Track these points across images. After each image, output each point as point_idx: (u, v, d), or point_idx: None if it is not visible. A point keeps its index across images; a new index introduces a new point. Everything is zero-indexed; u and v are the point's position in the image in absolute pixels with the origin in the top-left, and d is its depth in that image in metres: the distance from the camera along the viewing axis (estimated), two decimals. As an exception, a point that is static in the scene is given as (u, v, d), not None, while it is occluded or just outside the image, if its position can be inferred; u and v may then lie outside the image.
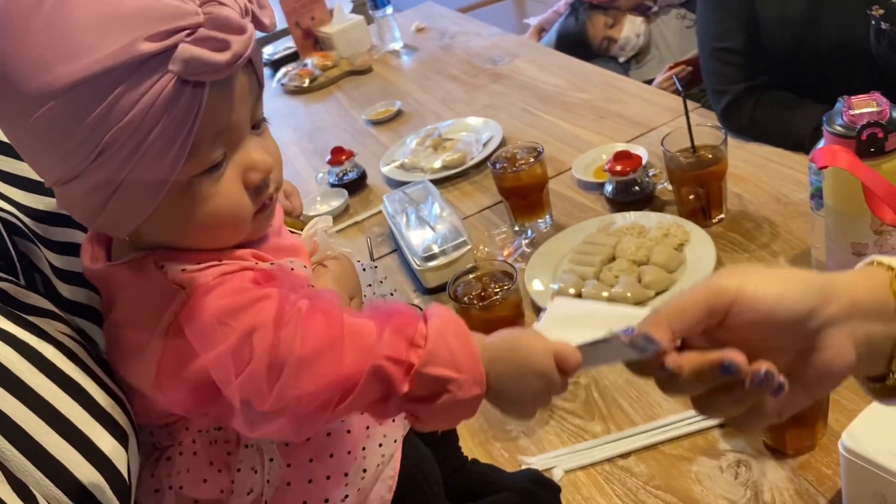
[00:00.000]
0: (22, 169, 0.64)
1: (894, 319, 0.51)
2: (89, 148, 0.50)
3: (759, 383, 0.49)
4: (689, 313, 0.50)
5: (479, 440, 1.00)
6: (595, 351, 0.52)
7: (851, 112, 0.84)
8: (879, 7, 1.18)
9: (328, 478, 0.61)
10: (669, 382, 0.51)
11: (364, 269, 0.80)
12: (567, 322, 0.55)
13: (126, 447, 0.54)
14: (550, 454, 0.95)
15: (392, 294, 0.81)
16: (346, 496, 0.62)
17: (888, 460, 0.71)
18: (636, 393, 0.99)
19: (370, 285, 0.80)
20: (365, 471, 0.64)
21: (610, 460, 0.92)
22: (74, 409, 0.52)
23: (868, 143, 0.81)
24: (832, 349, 0.50)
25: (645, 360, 0.50)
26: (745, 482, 0.85)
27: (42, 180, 0.59)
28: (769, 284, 0.50)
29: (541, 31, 2.74)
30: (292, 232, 0.73)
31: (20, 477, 0.48)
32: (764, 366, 0.49)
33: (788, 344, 0.51)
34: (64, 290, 0.62)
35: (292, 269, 0.61)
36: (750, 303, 0.50)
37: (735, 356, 0.48)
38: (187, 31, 0.49)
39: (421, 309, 0.58)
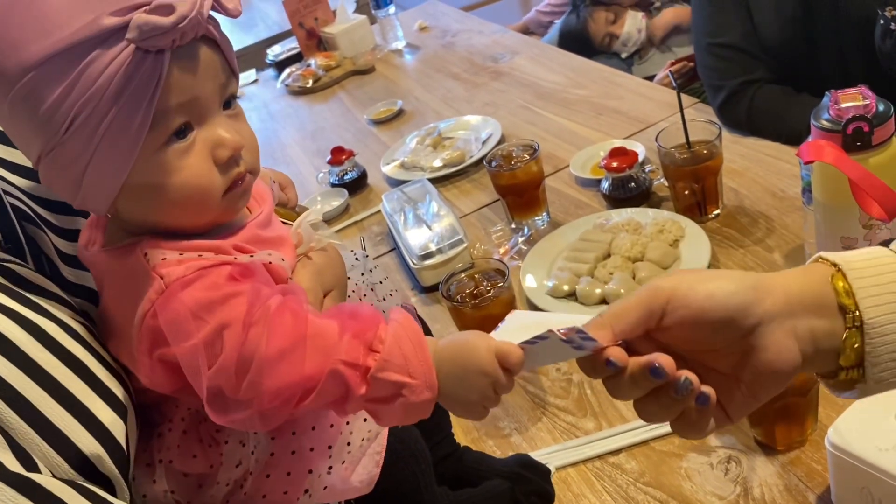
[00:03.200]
0: (14, 154, 0.66)
1: (837, 314, 0.51)
2: (61, 119, 0.54)
3: (679, 390, 0.49)
4: (628, 314, 0.51)
5: (472, 437, 1.01)
6: (536, 349, 0.54)
7: (838, 106, 0.83)
8: (893, 8, 1.17)
9: (311, 450, 0.64)
10: (615, 384, 0.52)
11: (357, 259, 0.82)
12: (520, 330, 0.57)
13: (125, 420, 0.57)
14: (542, 451, 0.96)
15: (382, 282, 0.82)
16: (331, 468, 0.64)
17: (874, 456, 0.71)
18: (628, 389, 0.99)
19: (362, 274, 0.82)
20: (350, 444, 0.66)
21: (601, 457, 0.93)
22: (76, 382, 0.54)
23: (854, 138, 0.81)
24: (773, 347, 0.50)
25: (591, 357, 0.52)
26: (734, 478, 0.85)
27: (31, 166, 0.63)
28: (701, 282, 0.51)
29: (525, 31, 2.75)
30: (285, 223, 0.74)
31: (23, 445, 0.49)
32: (685, 374, 0.49)
33: (728, 344, 0.51)
34: (68, 273, 0.65)
35: (270, 262, 0.62)
36: (682, 300, 0.50)
37: (662, 359, 0.50)
38: (145, 7, 0.53)
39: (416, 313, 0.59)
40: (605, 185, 1.35)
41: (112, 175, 0.57)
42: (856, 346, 0.51)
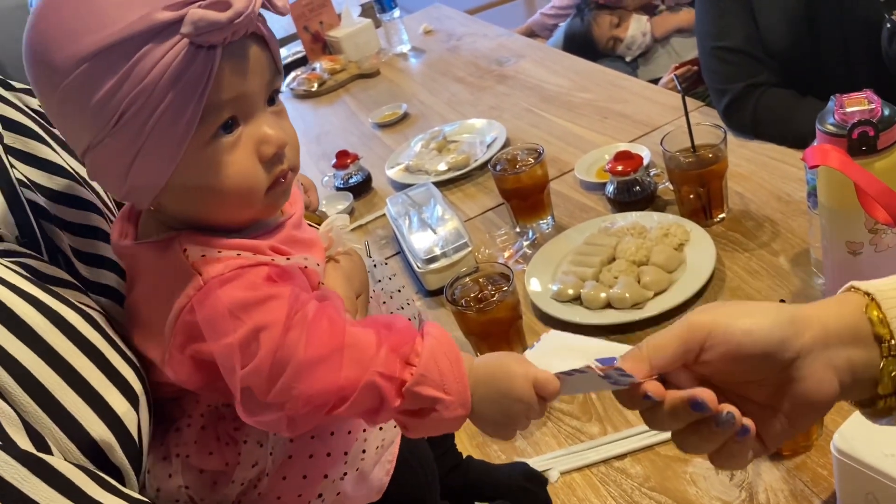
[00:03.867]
0: (33, 148, 0.66)
1: (873, 344, 0.51)
2: (111, 111, 0.54)
3: (720, 423, 0.50)
4: (666, 348, 0.52)
5: (476, 442, 1.01)
6: (573, 380, 0.55)
7: (843, 110, 0.83)
8: None
9: (328, 455, 0.64)
10: (652, 416, 0.53)
11: (375, 266, 0.83)
12: (555, 353, 0.58)
13: (138, 411, 0.57)
14: (547, 456, 0.95)
15: (400, 290, 0.83)
16: (345, 474, 0.65)
17: (880, 461, 0.71)
18: (633, 394, 0.99)
19: (380, 281, 0.82)
20: (364, 451, 0.66)
21: (606, 461, 0.93)
22: (92, 370, 0.55)
23: (859, 142, 0.80)
24: (811, 379, 0.51)
25: (628, 390, 0.53)
26: (739, 483, 0.85)
27: (52, 160, 0.65)
28: (740, 317, 0.51)
29: (530, 34, 2.75)
30: (311, 226, 0.75)
31: (37, 428, 0.50)
32: (727, 408, 0.50)
33: (765, 376, 0.52)
34: (84, 271, 0.65)
35: (306, 266, 0.63)
36: (722, 336, 0.51)
37: (704, 394, 0.50)
38: (200, 2, 0.53)
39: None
40: (610, 188, 1.35)
41: (159, 168, 0.57)
42: (893, 374, 0.51)
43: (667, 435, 0.92)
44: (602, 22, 2.42)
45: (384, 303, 0.80)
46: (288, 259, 0.61)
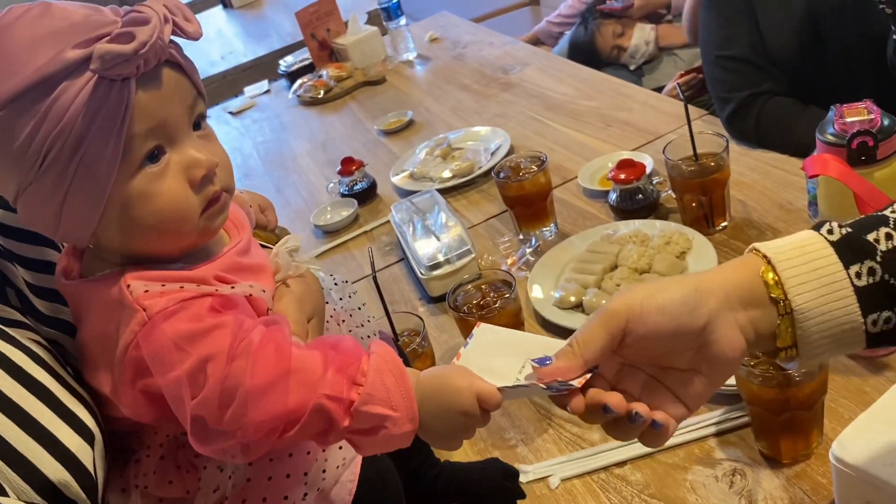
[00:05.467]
0: None
1: (770, 304, 0.56)
2: (34, 154, 0.55)
3: (632, 420, 0.56)
4: (595, 341, 0.57)
5: (477, 448, 1.01)
6: (515, 391, 0.59)
7: (843, 120, 0.83)
8: None
9: (287, 476, 0.65)
10: (581, 416, 0.58)
11: (336, 284, 0.83)
12: (490, 348, 0.61)
13: (92, 445, 0.57)
14: (547, 462, 0.96)
15: (360, 308, 0.83)
16: (306, 494, 0.65)
17: (878, 469, 0.71)
18: (634, 401, 1.00)
19: (341, 299, 0.82)
20: (325, 471, 0.67)
21: (606, 468, 0.93)
22: (42, 409, 0.55)
23: (859, 152, 0.81)
24: (721, 340, 0.56)
25: (561, 396, 0.58)
26: (739, 491, 0.85)
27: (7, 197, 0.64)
28: (650, 298, 0.56)
29: (535, 41, 2.76)
30: (264, 246, 0.75)
31: None
32: (636, 408, 0.56)
33: (685, 345, 0.57)
34: (39, 305, 0.65)
35: (251, 294, 0.63)
36: (638, 319, 0.56)
37: (611, 399, 0.56)
38: (107, 38, 0.55)
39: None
40: (613, 196, 1.36)
41: (90, 206, 0.58)
42: (789, 329, 0.57)
43: (667, 443, 0.93)
44: (605, 31, 2.43)
45: (343, 321, 0.81)
46: (232, 288, 0.62)
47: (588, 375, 0.58)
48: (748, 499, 0.84)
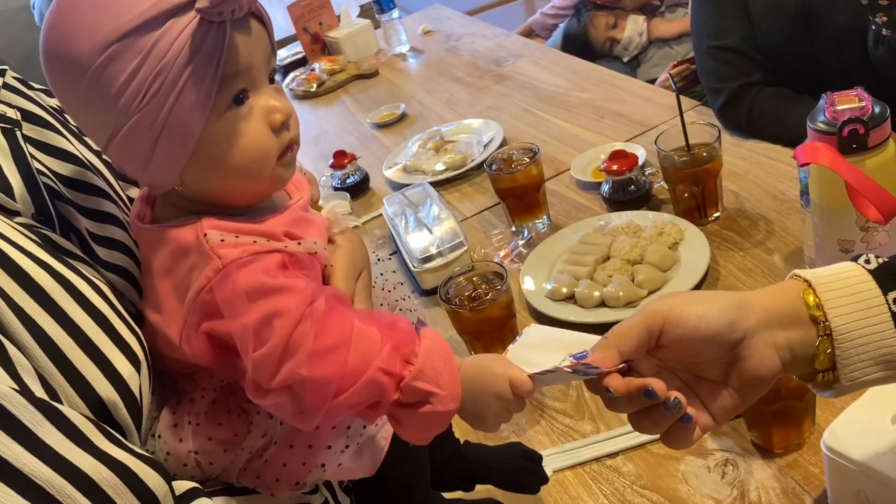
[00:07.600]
0: (50, 138, 0.69)
1: (809, 325, 0.58)
2: (134, 92, 0.58)
3: (669, 408, 0.57)
4: (630, 335, 0.58)
5: (472, 439, 1.01)
6: (546, 378, 0.62)
7: (833, 108, 0.83)
8: (884, 14, 1.17)
9: (333, 428, 0.68)
10: (611, 401, 0.60)
11: (379, 260, 0.86)
12: (536, 345, 0.64)
13: (139, 374, 0.60)
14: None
15: (402, 283, 0.86)
16: (347, 447, 0.68)
17: (870, 458, 0.71)
18: (626, 392, 0.99)
19: (382, 274, 0.85)
20: (365, 427, 0.69)
21: (598, 460, 0.93)
22: (100, 335, 0.58)
23: (850, 140, 0.80)
24: (756, 357, 0.57)
25: (594, 380, 0.59)
26: (731, 481, 0.85)
27: (68, 150, 0.69)
28: (692, 304, 0.58)
29: (529, 33, 2.74)
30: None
31: (51, 384, 0.54)
32: (674, 395, 0.57)
33: (718, 356, 0.58)
34: (98, 251, 0.68)
35: (315, 252, 0.66)
36: (677, 321, 0.57)
37: (655, 383, 0.57)
38: None
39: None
40: (606, 188, 1.35)
41: (181, 144, 0.60)
42: (828, 350, 0.57)
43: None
44: (598, 23, 2.42)
45: (389, 291, 0.83)
46: (299, 244, 0.64)
47: (622, 366, 0.59)
48: (740, 489, 0.84)
